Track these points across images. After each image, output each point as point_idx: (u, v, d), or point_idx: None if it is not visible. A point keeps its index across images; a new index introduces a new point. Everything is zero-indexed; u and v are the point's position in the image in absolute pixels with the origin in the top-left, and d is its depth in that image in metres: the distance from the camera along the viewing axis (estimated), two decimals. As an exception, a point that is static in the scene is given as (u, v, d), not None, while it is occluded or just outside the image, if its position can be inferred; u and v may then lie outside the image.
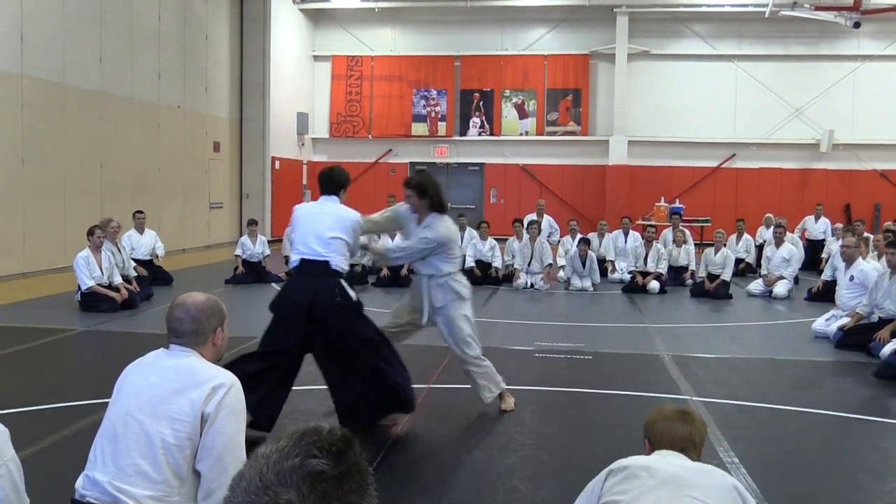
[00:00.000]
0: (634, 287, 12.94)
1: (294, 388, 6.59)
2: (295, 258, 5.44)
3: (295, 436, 1.14)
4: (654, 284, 12.93)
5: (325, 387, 6.63)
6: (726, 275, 12.67)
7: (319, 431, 1.15)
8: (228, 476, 2.55)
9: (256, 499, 1.08)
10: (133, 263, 11.63)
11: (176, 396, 2.70)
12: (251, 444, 1.95)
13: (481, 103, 23.29)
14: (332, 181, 5.67)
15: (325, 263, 5.30)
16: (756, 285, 12.92)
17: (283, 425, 5.35)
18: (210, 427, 2.68)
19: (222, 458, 2.67)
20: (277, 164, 21.34)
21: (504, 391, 6.03)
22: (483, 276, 13.63)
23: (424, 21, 23.34)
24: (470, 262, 13.81)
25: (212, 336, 2.91)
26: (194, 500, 2.73)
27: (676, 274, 13.81)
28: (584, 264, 13.39)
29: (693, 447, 2.64)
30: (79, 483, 2.78)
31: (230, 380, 2.78)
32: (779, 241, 13.11)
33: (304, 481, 1.08)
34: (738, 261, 14.52)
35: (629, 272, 13.57)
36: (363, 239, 5.90)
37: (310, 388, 6.61)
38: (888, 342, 7.75)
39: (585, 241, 13.95)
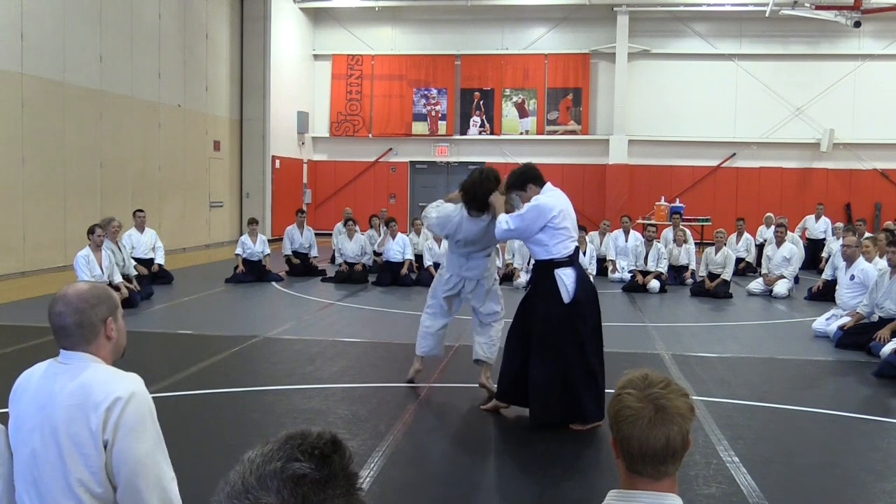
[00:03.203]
0: (635, 286, 12.93)
1: (293, 387, 6.60)
2: (571, 246, 5.69)
3: (280, 439, 1.13)
4: (655, 283, 12.93)
5: (322, 386, 6.64)
6: (727, 274, 12.67)
7: (306, 435, 1.13)
8: (144, 499, 2.38)
9: (238, 503, 1.07)
10: (133, 262, 11.63)
11: (75, 427, 2.41)
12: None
13: (482, 102, 23.29)
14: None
15: None
16: (756, 284, 12.92)
17: (282, 426, 5.35)
18: (111, 452, 2.39)
19: (132, 482, 2.40)
20: (278, 163, 21.34)
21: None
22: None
23: (425, 20, 23.33)
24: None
25: (103, 328, 2.51)
26: None
27: (677, 273, 13.81)
28: (583, 253, 13.52)
29: (673, 458, 1.91)
30: None
31: (127, 391, 2.41)
32: (780, 241, 13.10)
33: (284, 485, 1.07)
34: (739, 260, 14.52)
35: (629, 271, 13.58)
36: None
37: (310, 387, 6.61)
38: (888, 341, 7.74)
39: (581, 229, 14.03)
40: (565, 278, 5.54)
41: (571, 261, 5.64)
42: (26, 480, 2.47)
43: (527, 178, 5.83)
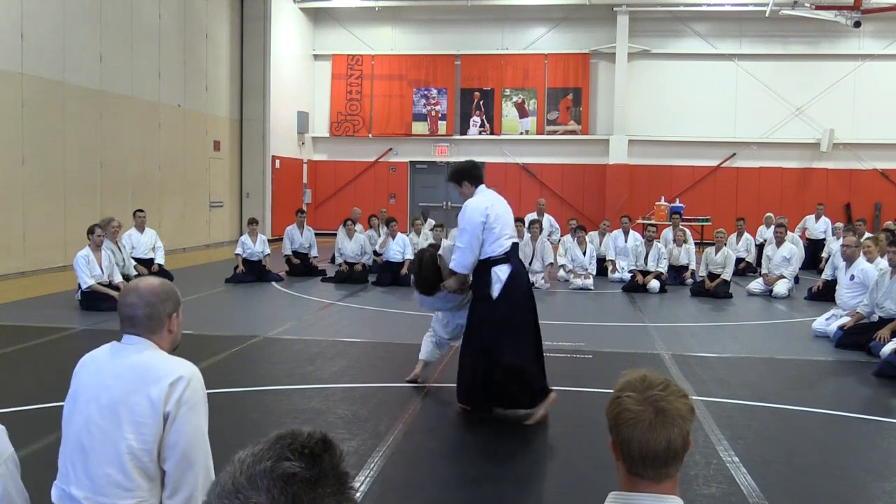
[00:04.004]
0: (635, 286, 12.93)
1: (293, 387, 6.60)
2: (507, 244, 5.79)
3: (271, 439, 1.13)
4: (655, 283, 12.93)
5: (322, 386, 6.65)
6: (727, 274, 12.67)
7: (296, 434, 1.14)
8: (195, 472, 2.55)
9: (228, 503, 1.07)
10: (133, 262, 11.63)
11: (135, 397, 2.58)
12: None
13: (482, 102, 23.28)
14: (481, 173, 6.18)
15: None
16: (756, 284, 12.92)
17: (282, 427, 5.33)
18: (172, 425, 2.57)
19: (187, 455, 2.58)
20: (278, 163, 21.34)
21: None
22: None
23: (425, 20, 23.32)
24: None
25: (167, 322, 2.75)
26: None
27: (677, 273, 13.81)
28: (583, 252, 13.60)
29: (675, 460, 1.89)
30: (54, 495, 2.69)
31: (189, 371, 2.65)
32: (779, 241, 13.11)
33: (274, 484, 1.07)
34: (739, 260, 14.52)
35: (630, 271, 13.58)
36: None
37: (310, 387, 6.62)
38: (888, 341, 7.75)
39: (581, 229, 14.13)
40: (500, 273, 5.71)
41: (507, 257, 5.78)
42: (73, 448, 2.63)
43: (462, 175, 5.99)
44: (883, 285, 8.40)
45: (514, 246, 5.90)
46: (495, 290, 5.68)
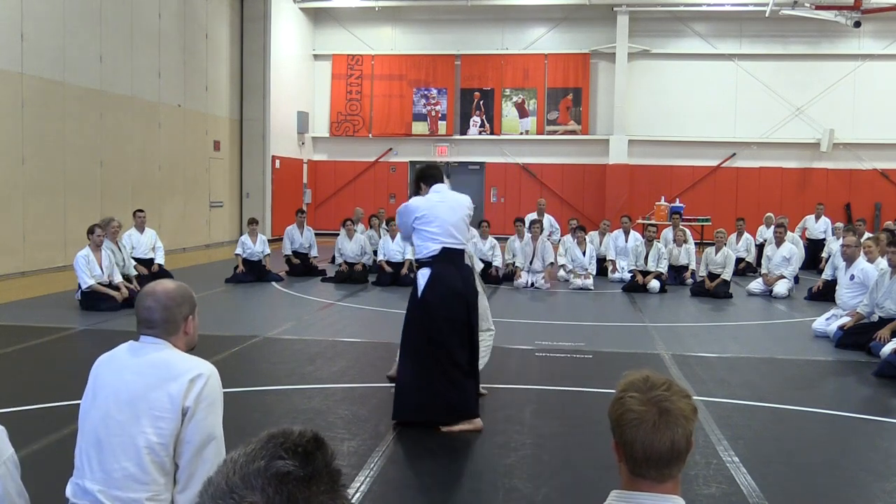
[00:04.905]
0: (635, 286, 12.94)
1: (293, 387, 6.60)
2: (434, 247, 5.51)
3: (262, 438, 1.13)
4: (655, 283, 12.93)
5: (322, 386, 6.64)
6: (727, 274, 12.67)
7: (288, 434, 1.14)
8: (208, 468, 2.56)
9: (222, 503, 1.07)
10: (133, 262, 11.63)
11: (154, 392, 2.65)
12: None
13: (482, 102, 23.28)
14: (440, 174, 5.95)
15: (463, 252, 5.66)
16: (756, 284, 12.92)
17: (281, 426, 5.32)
18: (190, 421, 2.64)
19: (202, 450, 2.65)
20: (278, 163, 21.34)
21: None
22: (483, 275, 13.62)
23: (425, 20, 23.33)
24: (470, 261, 13.84)
25: (183, 325, 2.83)
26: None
27: (677, 273, 13.81)
28: (583, 252, 13.61)
29: (678, 460, 1.89)
30: (69, 491, 2.74)
31: (208, 369, 2.72)
32: (779, 241, 13.11)
33: (269, 483, 1.07)
34: (739, 260, 14.52)
35: (630, 271, 13.59)
36: None
37: (310, 387, 6.62)
38: (888, 341, 7.74)
39: (581, 229, 14.14)
40: (420, 278, 5.54)
41: (433, 261, 5.51)
42: (89, 443, 2.70)
43: (418, 178, 5.91)
44: (883, 285, 8.40)
45: (446, 251, 5.50)
46: (417, 294, 5.51)
